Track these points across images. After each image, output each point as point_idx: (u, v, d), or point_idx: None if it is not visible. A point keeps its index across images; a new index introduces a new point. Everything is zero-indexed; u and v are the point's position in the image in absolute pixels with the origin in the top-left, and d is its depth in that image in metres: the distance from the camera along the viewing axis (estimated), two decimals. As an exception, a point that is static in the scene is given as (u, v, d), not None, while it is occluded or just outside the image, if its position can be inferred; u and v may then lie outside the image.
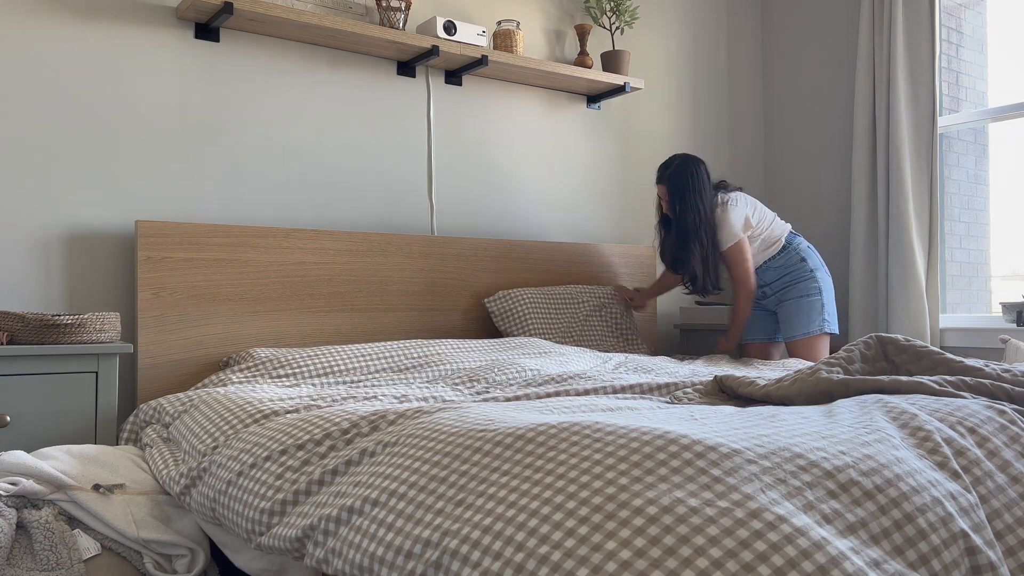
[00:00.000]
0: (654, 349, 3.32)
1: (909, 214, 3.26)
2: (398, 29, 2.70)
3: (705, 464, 0.98)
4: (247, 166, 2.58)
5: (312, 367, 2.21)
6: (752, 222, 2.85)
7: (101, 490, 1.61)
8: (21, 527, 1.51)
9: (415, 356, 2.37)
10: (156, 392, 2.28)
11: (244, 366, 2.22)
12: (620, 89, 3.28)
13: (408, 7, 2.75)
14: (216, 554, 1.85)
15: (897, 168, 3.30)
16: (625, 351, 3.02)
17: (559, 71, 3.06)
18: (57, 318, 1.96)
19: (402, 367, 2.31)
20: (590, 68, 3.20)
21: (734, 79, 3.93)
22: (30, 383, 1.91)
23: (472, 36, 2.86)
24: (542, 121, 3.27)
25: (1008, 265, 3.52)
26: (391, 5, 2.71)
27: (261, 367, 2.20)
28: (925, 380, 1.51)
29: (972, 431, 1.24)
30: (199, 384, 2.21)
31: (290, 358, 2.23)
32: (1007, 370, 1.58)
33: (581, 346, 2.91)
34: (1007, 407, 1.35)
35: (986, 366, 1.61)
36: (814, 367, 1.70)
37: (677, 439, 1.04)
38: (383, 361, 2.31)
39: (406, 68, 2.90)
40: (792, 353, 2.91)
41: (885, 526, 0.96)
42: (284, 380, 2.15)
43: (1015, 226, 3.49)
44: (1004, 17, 3.61)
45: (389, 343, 2.43)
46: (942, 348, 3.32)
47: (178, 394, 2.06)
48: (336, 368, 2.23)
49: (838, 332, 3.22)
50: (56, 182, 2.27)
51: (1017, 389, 1.47)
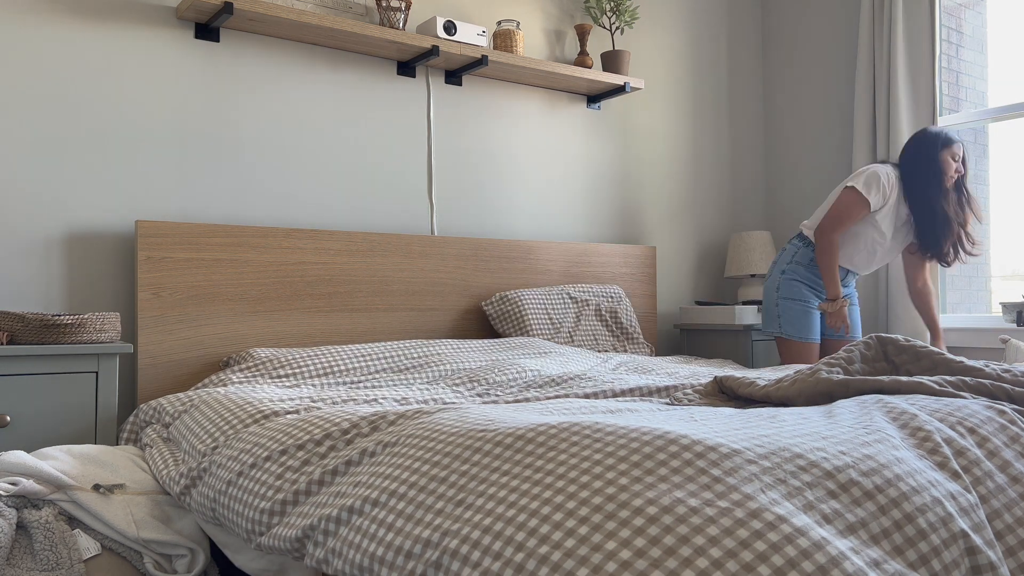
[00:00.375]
0: (655, 349, 3.32)
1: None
2: (398, 29, 2.70)
3: (705, 464, 0.98)
4: (247, 166, 2.58)
5: (312, 367, 2.21)
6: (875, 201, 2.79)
7: (101, 490, 1.61)
8: (21, 527, 1.51)
9: (415, 356, 2.37)
10: (156, 392, 2.28)
11: (244, 366, 2.22)
12: (620, 89, 3.28)
13: (408, 7, 2.75)
14: (216, 554, 1.85)
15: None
16: (626, 351, 3.02)
17: (559, 71, 3.06)
18: (57, 318, 1.96)
19: (402, 367, 2.31)
20: (590, 68, 3.20)
21: (734, 79, 3.93)
22: (30, 383, 1.91)
23: (472, 36, 2.86)
24: (542, 121, 3.27)
25: (1008, 265, 3.52)
26: (391, 5, 2.71)
27: (261, 367, 2.20)
28: (925, 380, 1.51)
29: (972, 431, 1.24)
30: (199, 384, 2.21)
31: (290, 358, 2.23)
32: (1007, 370, 1.58)
33: (581, 346, 2.91)
34: (1007, 407, 1.35)
35: (986, 366, 1.61)
36: (814, 367, 1.70)
37: (677, 439, 1.04)
38: (383, 361, 2.31)
39: (406, 68, 2.90)
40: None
41: (885, 526, 0.96)
42: (284, 380, 2.15)
43: (1015, 226, 3.49)
44: (1004, 17, 3.61)
45: (389, 343, 2.43)
46: (950, 349, 3.32)
47: (178, 394, 2.06)
48: (336, 368, 2.23)
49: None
50: (56, 182, 2.27)
51: (1017, 389, 1.47)
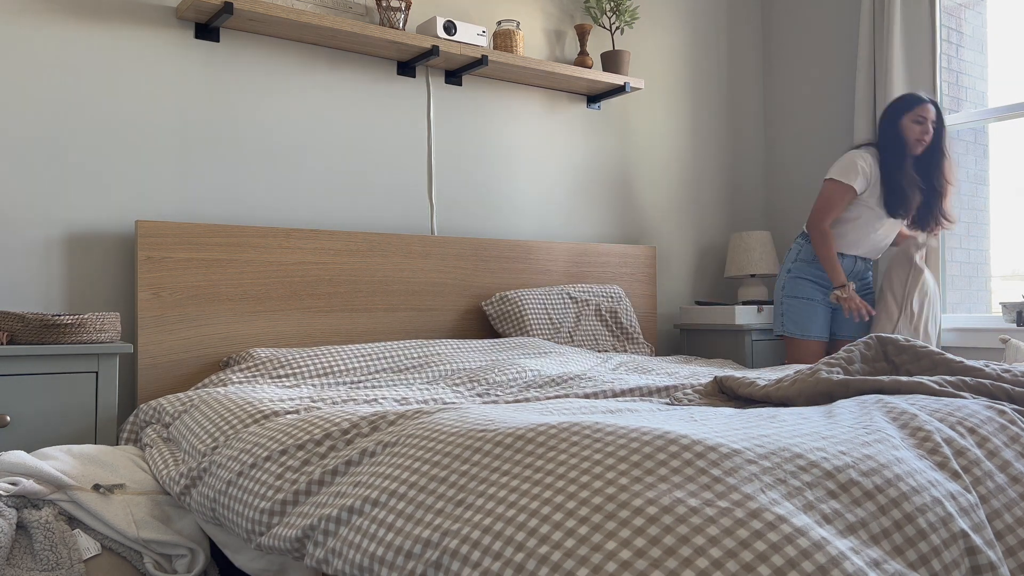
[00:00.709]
0: (655, 349, 3.31)
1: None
2: (398, 29, 2.70)
3: (705, 464, 0.98)
4: (247, 166, 2.58)
5: (312, 367, 2.21)
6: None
7: (101, 490, 1.61)
8: (21, 527, 1.51)
9: (415, 356, 2.37)
10: (156, 392, 2.28)
11: (244, 366, 2.22)
12: (620, 89, 3.28)
13: (408, 7, 2.75)
14: (216, 554, 1.85)
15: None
16: (627, 351, 3.02)
17: (559, 71, 3.06)
18: (57, 318, 1.96)
19: (402, 367, 2.31)
20: (590, 68, 3.20)
21: (734, 79, 3.93)
22: (30, 383, 1.91)
23: (472, 36, 2.86)
24: (542, 121, 3.27)
25: (1008, 265, 3.52)
26: (391, 5, 2.71)
27: (261, 367, 2.20)
28: (925, 380, 1.51)
29: (972, 431, 1.24)
30: (199, 384, 2.21)
31: (290, 358, 2.23)
32: (1007, 370, 1.58)
33: (581, 347, 2.91)
34: (1007, 407, 1.35)
35: (986, 366, 1.61)
36: (814, 367, 1.70)
37: (677, 439, 1.04)
38: (383, 361, 2.31)
39: (406, 68, 2.90)
40: None
41: (885, 526, 0.96)
42: (284, 380, 2.15)
43: (1015, 226, 3.49)
44: (1004, 17, 3.61)
45: (389, 343, 2.43)
46: (950, 349, 3.31)
47: (178, 394, 2.06)
48: (336, 368, 2.23)
49: None
50: (56, 182, 2.27)
51: (1017, 389, 1.47)
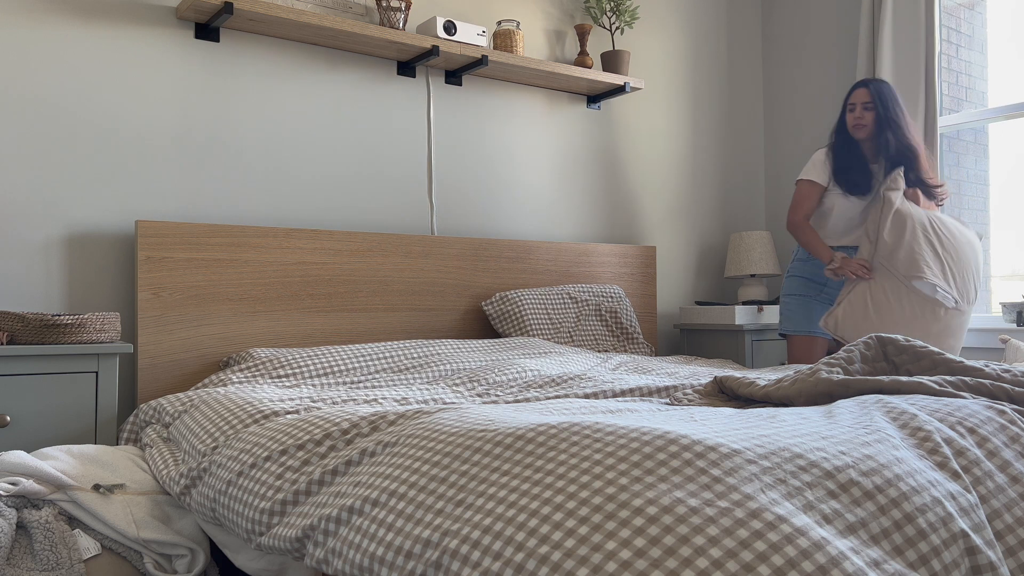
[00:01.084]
0: (655, 349, 3.31)
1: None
2: (398, 29, 2.70)
3: (705, 464, 0.98)
4: (247, 166, 2.58)
5: (312, 367, 2.21)
6: None
7: (101, 490, 1.61)
8: (21, 527, 1.51)
9: (415, 356, 2.37)
10: (156, 392, 2.28)
11: (244, 366, 2.22)
12: (620, 89, 3.28)
13: (408, 7, 2.75)
14: (216, 554, 1.85)
15: (897, 168, 3.29)
16: (627, 351, 3.02)
17: (559, 71, 3.06)
18: (57, 318, 1.96)
19: (402, 367, 2.31)
20: (590, 68, 3.20)
21: (734, 79, 3.93)
22: (30, 383, 1.91)
23: (472, 36, 2.86)
24: (542, 121, 3.27)
25: (1008, 265, 3.52)
26: (391, 5, 2.71)
27: (261, 367, 2.20)
28: (925, 380, 1.51)
29: (972, 431, 1.24)
30: (199, 384, 2.21)
31: (290, 358, 2.23)
32: (1007, 370, 1.58)
33: (580, 347, 2.91)
34: (1007, 407, 1.35)
35: (986, 366, 1.61)
36: (814, 367, 1.70)
37: (677, 439, 1.04)
38: (383, 361, 2.31)
39: (406, 68, 2.90)
40: None
41: (885, 526, 0.96)
42: (284, 380, 2.15)
43: (1015, 226, 3.49)
44: (1004, 17, 3.61)
45: (389, 343, 2.43)
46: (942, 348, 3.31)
47: (178, 394, 2.06)
48: (336, 368, 2.23)
49: None
50: (56, 182, 2.27)
51: (1017, 389, 1.47)
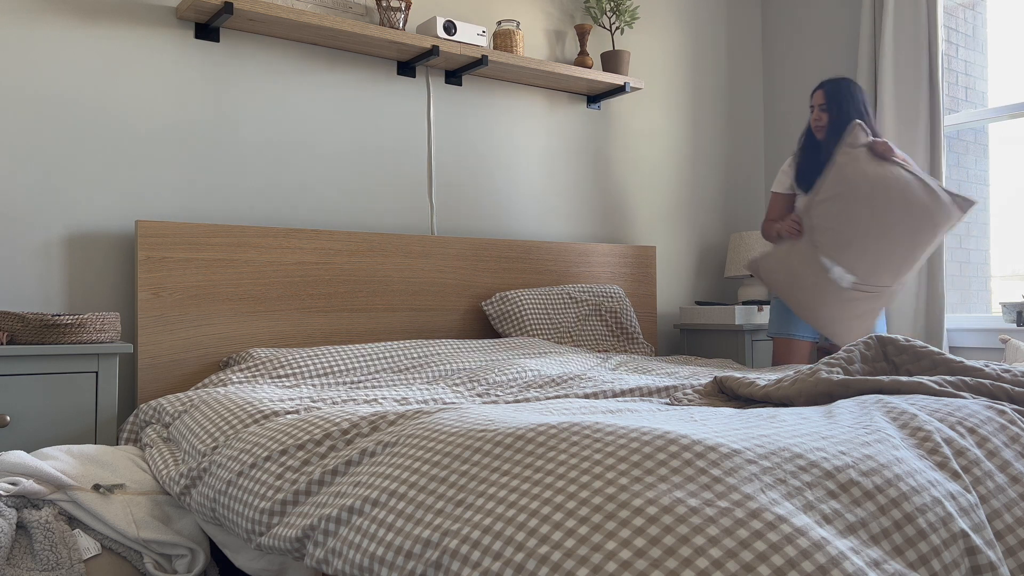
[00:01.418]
0: (655, 349, 3.31)
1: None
2: (398, 29, 2.70)
3: (705, 464, 0.98)
4: (247, 166, 2.58)
5: (312, 367, 2.21)
6: None
7: (101, 490, 1.61)
8: (21, 527, 1.51)
9: (415, 356, 2.37)
10: (156, 392, 2.28)
11: (244, 366, 2.22)
12: (620, 89, 3.28)
13: (408, 7, 2.75)
14: (216, 554, 1.85)
15: (897, 168, 3.29)
16: (627, 351, 3.02)
17: (559, 71, 3.06)
18: (57, 318, 1.96)
19: (402, 367, 2.31)
20: (590, 68, 3.20)
21: (734, 79, 3.93)
22: (30, 383, 1.91)
23: (472, 36, 2.86)
24: (542, 121, 3.27)
25: (1008, 265, 3.52)
26: (391, 5, 2.71)
27: (261, 367, 2.20)
28: (925, 380, 1.51)
29: (972, 431, 1.24)
30: (199, 384, 2.21)
31: (290, 358, 2.23)
32: (1007, 370, 1.58)
33: (580, 347, 2.91)
34: (1007, 407, 1.35)
35: (986, 366, 1.61)
36: (814, 367, 1.70)
37: (677, 439, 1.04)
38: (383, 361, 2.31)
39: (406, 68, 2.90)
40: None
41: (885, 526, 0.96)
42: (284, 380, 2.15)
43: (1015, 226, 3.49)
44: (1004, 17, 3.61)
45: (389, 343, 2.43)
46: (950, 348, 3.31)
47: (178, 394, 2.06)
48: (336, 368, 2.23)
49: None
50: (56, 182, 2.27)
51: (1017, 389, 1.47)
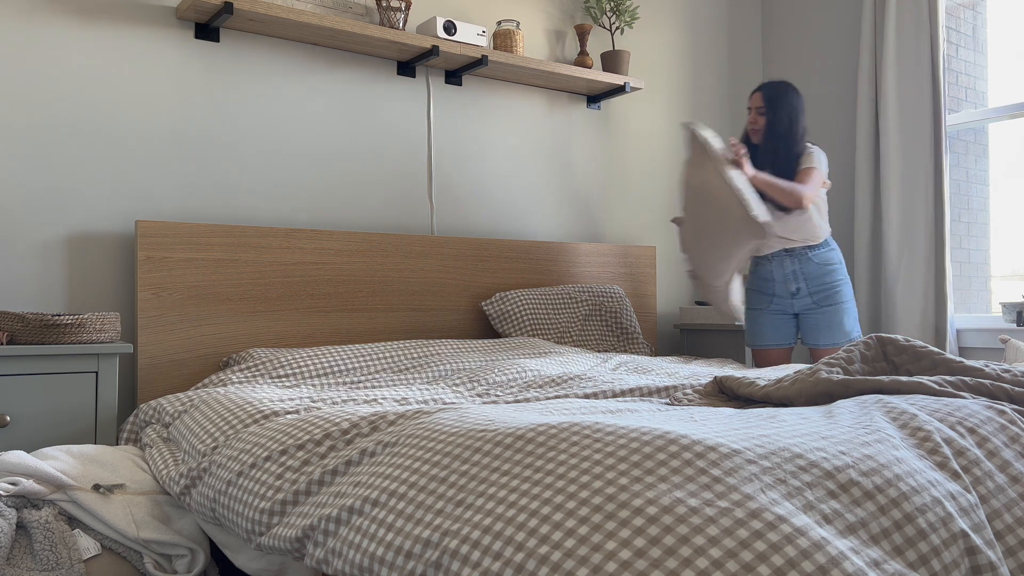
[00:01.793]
0: (655, 349, 3.31)
1: (916, 214, 3.26)
2: (398, 29, 2.70)
3: (705, 464, 0.98)
4: (247, 166, 2.58)
5: (312, 367, 2.21)
6: (827, 180, 2.72)
7: (101, 490, 1.61)
8: (21, 527, 1.51)
9: (415, 356, 2.37)
10: (156, 392, 2.28)
11: (244, 366, 2.22)
12: (620, 89, 3.28)
13: (408, 7, 2.75)
14: (216, 554, 1.85)
15: (900, 168, 3.29)
16: (627, 351, 3.02)
17: (559, 71, 3.06)
18: (57, 318, 1.96)
19: (402, 367, 2.31)
20: (590, 68, 3.20)
21: (734, 79, 3.93)
22: (30, 383, 1.91)
23: (472, 36, 2.86)
24: (542, 121, 3.27)
25: (1008, 265, 3.52)
26: (391, 5, 2.71)
27: (261, 367, 2.20)
28: (925, 380, 1.51)
29: (972, 431, 1.24)
30: (199, 384, 2.21)
31: (290, 358, 2.23)
32: (1007, 370, 1.58)
33: (580, 347, 2.91)
34: (1007, 407, 1.35)
35: (986, 366, 1.61)
36: (814, 367, 1.70)
37: (677, 439, 1.04)
38: (383, 361, 2.31)
39: (406, 68, 2.90)
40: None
41: (885, 526, 0.96)
42: (284, 380, 2.15)
43: (1015, 226, 3.49)
44: (1004, 17, 3.61)
45: (389, 343, 2.43)
46: (960, 349, 3.30)
47: (178, 394, 2.06)
48: (336, 368, 2.23)
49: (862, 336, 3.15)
50: (56, 182, 2.27)
51: (1017, 389, 1.47)
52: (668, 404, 1.74)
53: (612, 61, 3.25)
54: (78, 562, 1.49)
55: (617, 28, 3.36)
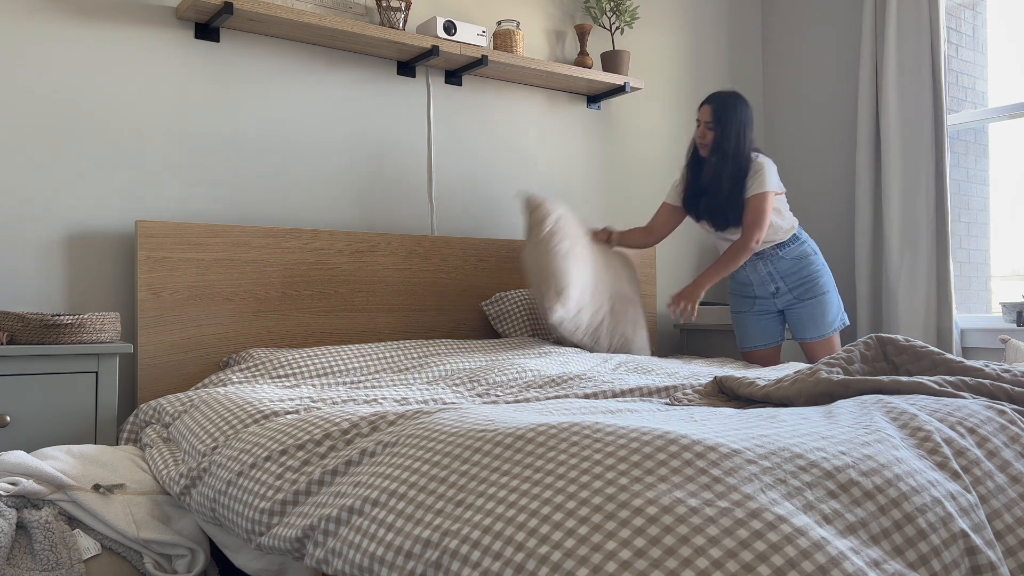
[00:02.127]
0: (655, 349, 3.31)
1: (917, 214, 3.26)
2: (398, 29, 2.70)
3: (705, 464, 0.98)
4: (247, 166, 2.58)
5: (312, 367, 2.21)
6: (779, 190, 2.71)
7: (101, 490, 1.61)
8: (21, 527, 1.51)
9: (415, 356, 2.37)
10: (156, 392, 2.28)
11: (244, 366, 2.22)
12: (620, 89, 3.28)
13: (408, 7, 2.75)
14: (216, 554, 1.85)
15: (901, 168, 3.29)
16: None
17: (559, 71, 3.06)
18: (57, 318, 1.96)
19: (402, 367, 2.31)
20: (590, 68, 3.20)
21: (734, 79, 3.93)
22: (30, 383, 1.91)
23: (472, 36, 2.86)
24: (542, 121, 3.27)
25: (1008, 265, 3.52)
26: (391, 5, 2.71)
27: (261, 367, 2.20)
28: (925, 380, 1.51)
29: (972, 431, 1.24)
30: (199, 384, 2.21)
31: (290, 358, 2.23)
32: (1007, 370, 1.58)
33: (580, 347, 2.90)
34: (1007, 407, 1.35)
35: (986, 366, 1.61)
36: (814, 367, 1.70)
37: (677, 439, 1.04)
38: (383, 361, 2.31)
39: (406, 68, 2.90)
40: (814, 354, 2.78)
41: (885, 526, 0.96)
42: (284, 380, 2.15)
43: (1015, 226, 3.49)
44: (1004, 17, 3.61)
45: (389, 343, 2.43)
46: (963, 349, 3.30)
47: (178, 394, 2.06)
48: (336, 368, 2.23)
49: (849, 322, 3.14)
50: (56, 182, 2.27)
51: (1017, 389, 1.47)
52: (668, 404, 1.74)
53: (612, 61, 3.25)
54: (78, 562, 1.49)
55: (617, 28, 3.36)
